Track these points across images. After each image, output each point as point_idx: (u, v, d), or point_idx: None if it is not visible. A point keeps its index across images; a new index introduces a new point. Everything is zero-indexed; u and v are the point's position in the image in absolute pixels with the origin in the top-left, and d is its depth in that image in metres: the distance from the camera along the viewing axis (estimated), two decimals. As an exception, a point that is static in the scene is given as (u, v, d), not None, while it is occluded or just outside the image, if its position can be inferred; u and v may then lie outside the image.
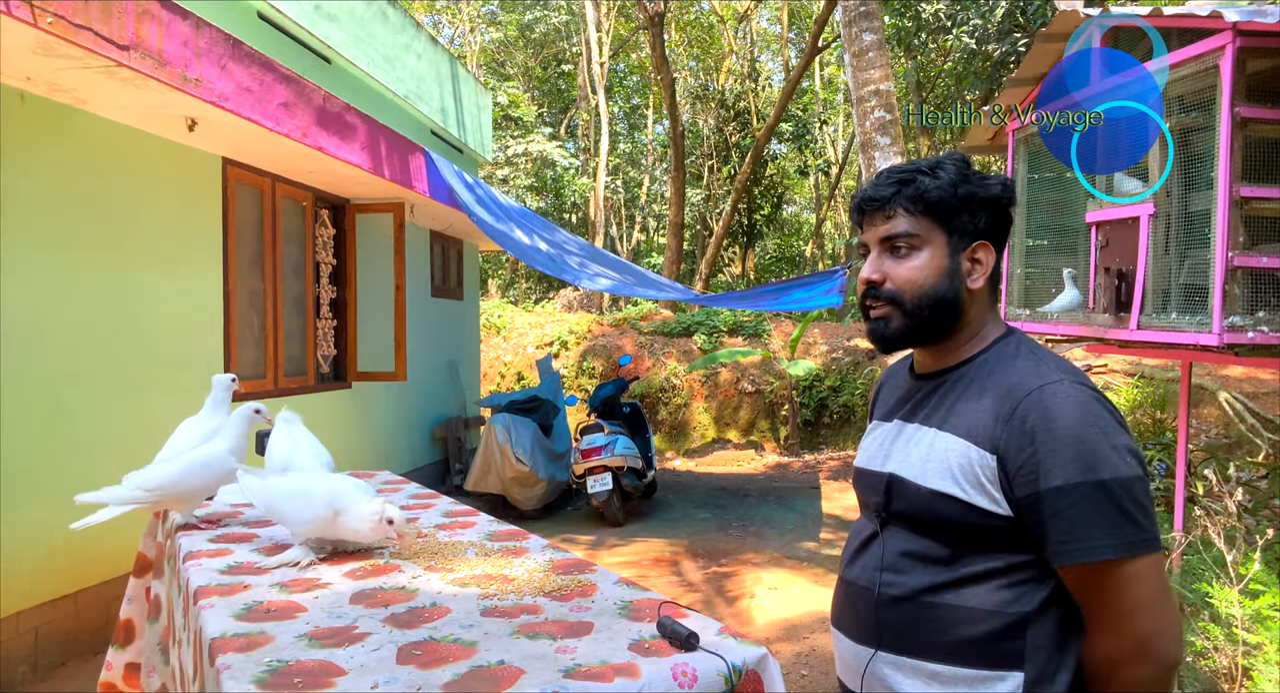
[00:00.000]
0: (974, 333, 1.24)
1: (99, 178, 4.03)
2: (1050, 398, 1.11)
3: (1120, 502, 1.05)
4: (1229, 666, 2.79)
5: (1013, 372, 1.17)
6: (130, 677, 2.66)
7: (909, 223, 1.21)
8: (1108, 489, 1.05)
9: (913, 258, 1.21)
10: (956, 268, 1.21)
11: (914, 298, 1.21)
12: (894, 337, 1.24)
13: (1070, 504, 1.06)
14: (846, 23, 6.16)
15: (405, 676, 1.39)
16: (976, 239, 1.22)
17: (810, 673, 3.81)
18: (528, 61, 24.08)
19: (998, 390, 1.16)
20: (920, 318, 1.21)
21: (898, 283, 1.22)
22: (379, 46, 7.23)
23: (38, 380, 3.68)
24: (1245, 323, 2.39)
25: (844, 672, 1.31)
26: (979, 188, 1.21)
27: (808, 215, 27.15)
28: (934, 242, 1.21)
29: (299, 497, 2.07)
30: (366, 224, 6.51)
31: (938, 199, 1.20)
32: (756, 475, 9.31)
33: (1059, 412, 1.10)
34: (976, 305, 1.24)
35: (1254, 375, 6.48)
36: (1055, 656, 1.12)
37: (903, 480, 1.22)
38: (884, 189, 1.22)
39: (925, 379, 1.28)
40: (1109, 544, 1.05)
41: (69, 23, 2.81)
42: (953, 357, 1.25)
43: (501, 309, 14.08)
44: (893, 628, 1.20)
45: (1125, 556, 1.05)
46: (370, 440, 6.87)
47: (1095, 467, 1.06)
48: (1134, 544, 1.05)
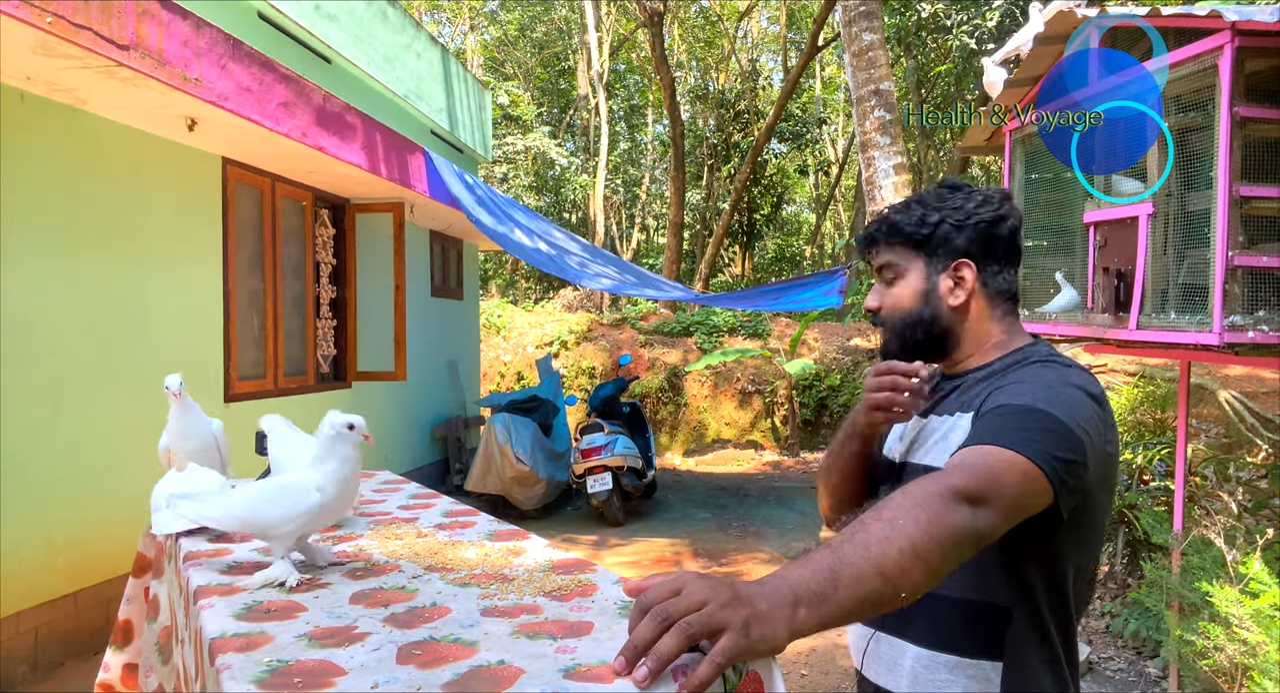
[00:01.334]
0: (983, 343, 1.31)
1: (99, 178, 4.03)
2: (1043, 367, 1.19)
3: (1052, 431, 1.03)
4: (1229, 665, 2.79)
5: (1023, 365, 1.23)
6: (128, 677, 2.66)
7: (889, 254, 1.33)
8: (1047, 417, 1.04)
9: (896, 285, 1.32)
10: (934, 289, 1.29)
11: (897, 322, 1.32)
12: (894, 356, 1.33)
13: (1007, 414, 1.07)
14: (846, 22, 6.16)
15: (405, 675, 1.39)
16: (955, 258, 1.29)
17: (810, 673, 3.81)
18: (528, 61, 24.08)
19: (1008, 376, 1.22)
20: (906, 339, 1.31)
21: (886, 309, 1.33)
22: (379, 46, 7.23)
23: (38, 379, 3.68)
24: (1245, 322, 2.39)
25: (854, 654, 1.37)
26: (951, 212, 1.29)
27: (807, 215, 27.15)
28: (913, 268, 1.31)
29: (286, 493, 1.90)
30: (366, 224, 6.51)
31: (910, 230, 1.30)
32: (756, 475, 9.31)
33: (1041, 374, 1.16)
34: (972, 319, 1.30)
35: (1255, 375, 6.48)
36: (1034, 648, 1.15)
37: (908, 464, 1.29)
38: (872, 229, 1.36)
39: (948, 379, 1.36)
40: (1014, 439, 1.01)
41: (69, 23, 2.81)
42: (971, 362, 1.32)
43: (501, 309, 14.07)
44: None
45: (1021, 451, 1.00)
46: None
47: (1050, 403, 1.07)
48: (1036, 450, 1.00)
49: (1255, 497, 3.99)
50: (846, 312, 12.50)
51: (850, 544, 0.88)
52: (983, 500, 0.95)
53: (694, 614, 0.77)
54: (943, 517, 0.91)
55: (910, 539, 0.88)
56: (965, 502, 0.93)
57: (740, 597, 0.80)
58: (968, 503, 0.93)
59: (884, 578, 0.86)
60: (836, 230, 26.36)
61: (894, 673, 1.24)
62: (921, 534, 0.88)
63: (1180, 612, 3.14)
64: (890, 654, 1.24)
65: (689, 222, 20.55)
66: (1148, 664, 3.70)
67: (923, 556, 0.88)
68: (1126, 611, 3.86)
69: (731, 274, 22.64)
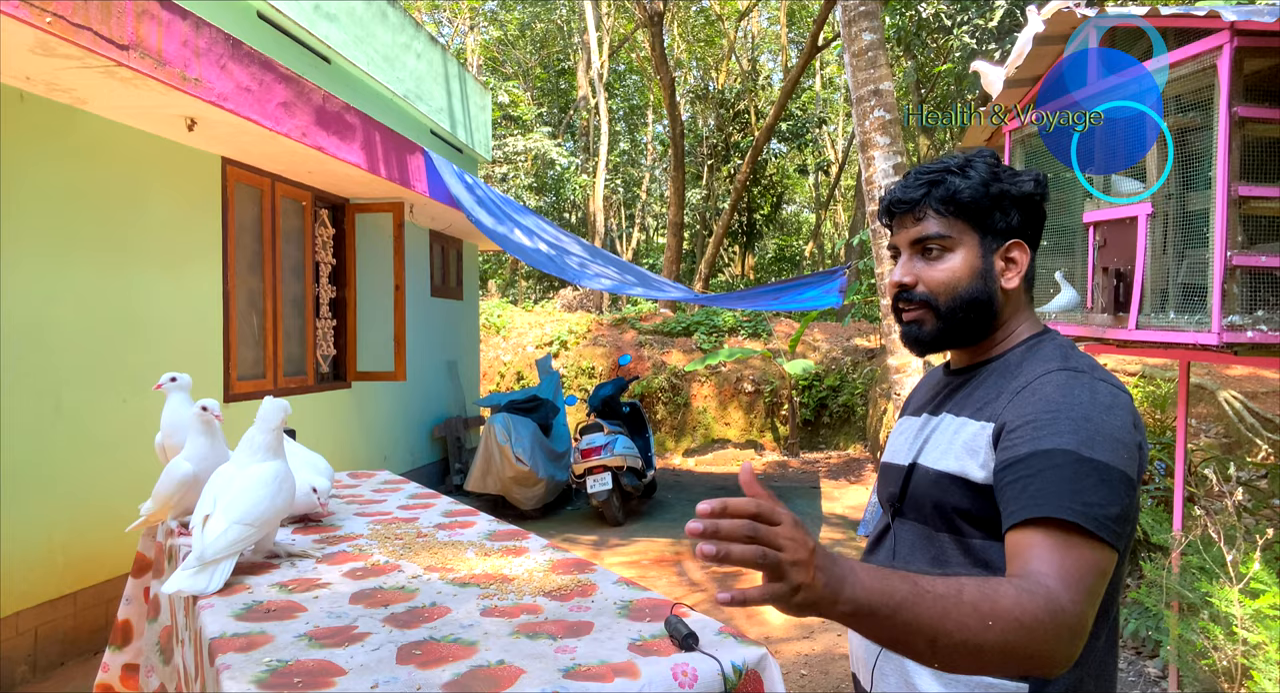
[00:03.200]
0: (1010, 332, 1.22)
1: (99, 178, 4.03)
2: (1066, 379, 1.08)
3: (1104, 483, 0.98)
4: (1229, 665, 2.79)
5: (1038, 360, 1.15)
6: (128, 678, 2.66)
7: (940, 224, 1.18)
8: (1097, 469, 0.98)
9: (945, 259, 1.18)
10: (990, 268, 1.18)
11: (948, 300, 1.18)
12: (928, 340, 1.22)
13: (1053, 466, 0.99)
14: (846, 22, 6.16)
15: (405, 675, 1.39)
16: (1010, 238, 1.19)
17: (810, 673, 3.82)
18: (527, 61, 24.08)
19: (1019, 376, 1.14)
20: (954, 320, 1.19)
21: (931, 286, 1.19)
22: (378, 46, 7.23)
23: (38, 380, 3.68)
24: (1244, 322, 2.39)
25: (856, 665, 1.30)
26: (1011, 185, 1.18)
27: (807, 215, 27.15)
28: (966, 242, 1.18)
29: (269, 483, 1.98)
30: (366, 224, 6.51)
31: (969, 199, 1.17)
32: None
33: (1070, 391, 1.06)
34: (1011, 305, 1.21)
35: (1256, 375, 6.48)
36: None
37: (917, 467, 1.21)
38: (913, 191, 1.20)
39: (956, 374, 1.28)
40: (1075, 509, 0.96)
41: (69, 22, 2.81)
42: (985, 354, 1.24)
43: (501, 309, 14.07)
44: None
45: (1087, 525, 0.95)
46: (370, 440, 6.87)
47: (1092, 445, 0.99)
48: (1099, 521, 0.95)
49: (1255, 497, 3.99)
50: (846, 312, 12.50)
51: (932, 600, 0.85)
52: (1079, 614, 0.91)
53: (771, 552, 0.78)
54: (1034, 637, 0.87)
55: (983, 646, 0.85)
56: (1066, 623, 0.89)
57: (809, 564, 0.80)
58: (1066, 620, 0.90)
59: (933, 649, 0.85)
60: (836, 230, 26.36)
61: (908, 691, 1.16)
62: (996, 645, 0.85)
63: (1180, 612, 3.14)
64: (903, 672, 1.16)
65: (689, 221, 20.55)
66: (1147, 664, 3.70)
67: (983, 661, 0.87)
68: (1126, 611, 3.86)
69: (731, 274, 22.64)
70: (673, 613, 1.55)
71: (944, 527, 1.16)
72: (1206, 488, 3.55)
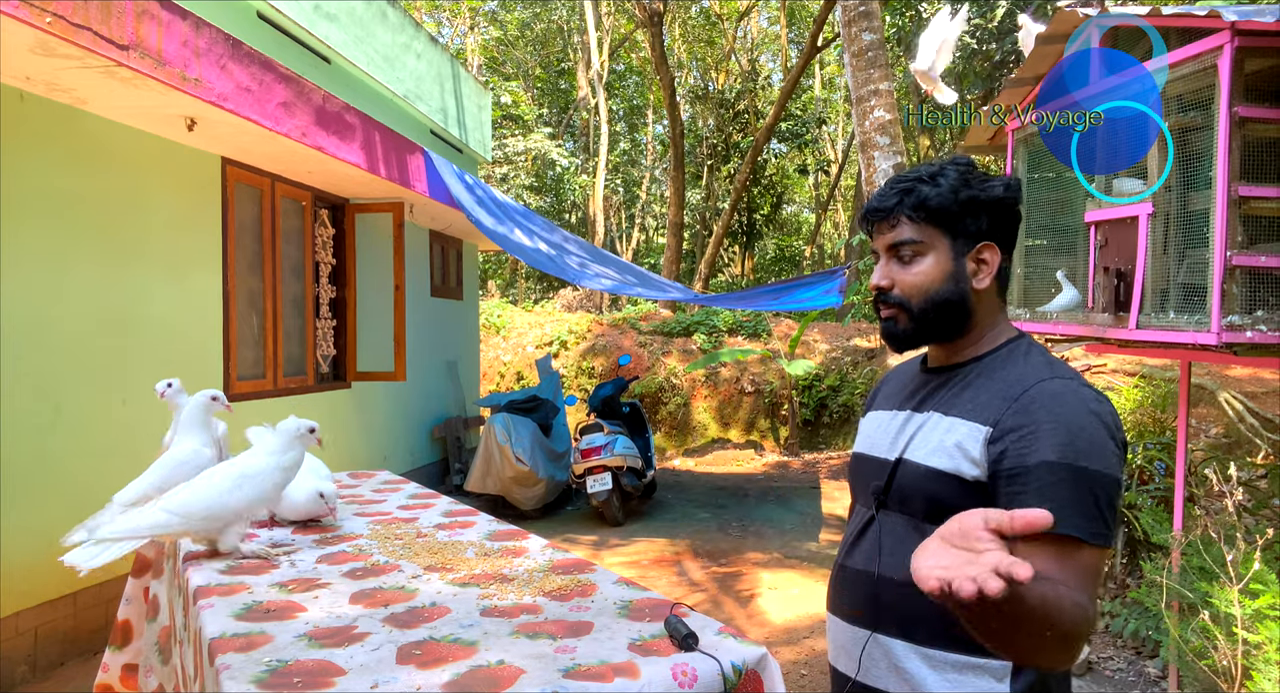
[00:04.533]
0: (985, 331, 1.29)
1: (99, 178, 4.03)
2: (1059, 388, 1.16)
3: (1096, 495, 1.09)
4: (1229, 665, 2.79)
5: (1025, 366, 1.22)
6: (128, 678, 2.65)
7: (912, 230, 1.25)
8: (1091, 479, 1.09)
9: (917, 263, 1.26)
10: (961, 270, 1.25)
11: (920, 302, 1.26)
12: (904, 337, 1.29)
13: (1057, 481, 1.09)
14: (846, 22, 6.16)
15: (405, 675, 1.39)
16: (981, 240, 1.25)
17: (810, 673, 3.81)
18: (527, 61, 24.08)
19: (1008, 380, 1.21)
20: (927, 320, 1.26)
21: (904, 289, 1.27)
22: (378, 46, 7.23)
23: (38, 381, 3.68)
24: (1244, 322, 2.39)
25: (838, 656, 1.33)
26: (980, 191, 1.25)
27: (807, 215, 27.15)
28: (938, 246, 1.25)
29: (228, 479, 2.01)
30: (366, 224, 6.51)
31: (938, 206, 1.24)
32: (756, 475, 9.30)
33: (1065, 401, 1.14)
34: (985, 304, 1.28)
35: (1256, 375, 6.48)
36: None
37: (906, 462, 1.25)
38: (888, 199, 1.27)
39: (936, 373, 1.33)
40: (1081, 525, 1.07)
41: (68, 22, 2.81)
42: (965, 353, 1.29)
43: (501, 309, 14.07)
44: (890, 610, 1.23)
45: (1088, 540, 1.08)
46: (370, 440, 6.87)
47: (1086, 456, 1.10)
48: (1097, 534, 1.08)
49: (1255, 497, 3.99)
50: (846, 312, 12.50)
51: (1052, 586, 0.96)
52: (1095, 612, 1.08)
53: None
54: (1085, 631, 1.03)
55: (1067, 635, 0.99)
56: (1090, 619, 1.04)
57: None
58: (1090, 617, 1.05)
59: (1041, 638, 0.95)
60: (836, 230, 26.36)
61: (896, 675, 1.21)
62: (1075, 635, 1.00)
63: (1180, 612, 3.14)
64: (890, 656, 1.22)
65: (689, 222, 20.56)
66: (1147, 664, 3.70)
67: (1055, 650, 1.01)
68: (1126, 610, 3.86)
69: (731, 274, 22.64)
70: (672, 613, 1.55)
71: (933, 520, 1.19)
72: (1206, 488, 3.56)
